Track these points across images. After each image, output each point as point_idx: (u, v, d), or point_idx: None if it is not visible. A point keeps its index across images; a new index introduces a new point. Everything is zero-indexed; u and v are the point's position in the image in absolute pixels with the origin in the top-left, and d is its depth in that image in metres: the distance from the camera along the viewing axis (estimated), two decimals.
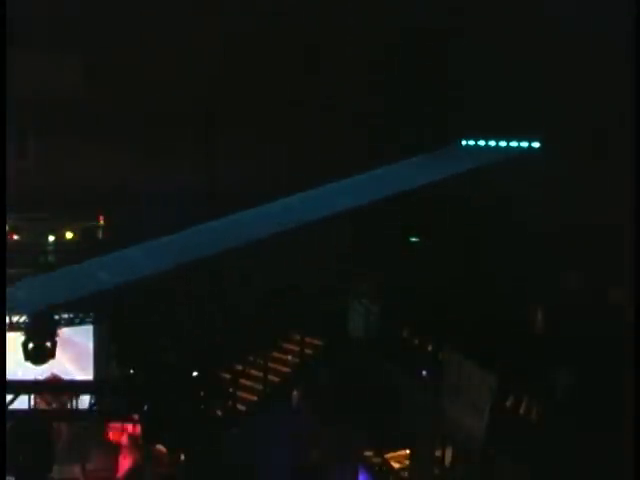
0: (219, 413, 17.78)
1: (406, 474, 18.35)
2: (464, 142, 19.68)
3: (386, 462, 18.57)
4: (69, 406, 18.09)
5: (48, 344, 18.11)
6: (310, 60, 21.00)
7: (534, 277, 17.59)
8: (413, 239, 20.42)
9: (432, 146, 19.55)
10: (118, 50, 20.81)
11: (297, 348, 20.05)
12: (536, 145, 19.36)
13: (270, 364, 19.89)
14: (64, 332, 18.77)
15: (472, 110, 19.05)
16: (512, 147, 19.56)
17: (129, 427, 19.70)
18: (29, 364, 16.80)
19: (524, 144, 19.47)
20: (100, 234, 21.52)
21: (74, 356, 20.86)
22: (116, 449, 20.57)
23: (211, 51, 20.72)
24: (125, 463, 20.28)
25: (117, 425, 20.13)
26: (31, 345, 18.07)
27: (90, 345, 21.35)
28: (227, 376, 19.15)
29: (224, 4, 20.55)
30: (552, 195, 18.23)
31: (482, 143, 19.67)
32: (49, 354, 18.27)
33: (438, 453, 17.20)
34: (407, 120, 19.88)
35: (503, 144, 19.60)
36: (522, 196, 18.40)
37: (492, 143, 19.62)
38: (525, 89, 18.50)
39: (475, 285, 17.87)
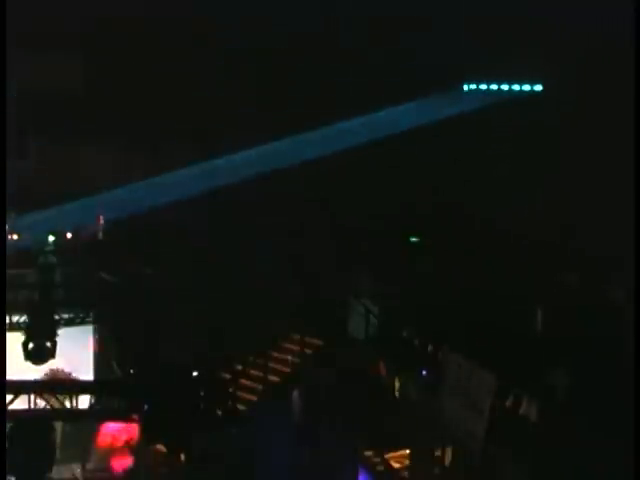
0: (219, 413, 17.76)
1: (406, 474, 18.34)
2: (466, 87, 19.62)
3: (386, 462, 18.56)
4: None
5: (48, 344, 18.15)
6: None
7: (534, 277, 17.59)
8: (413, 239, 20.41)
9: (433, 90, 19.45)
10: (118, 50, 20.82)
11: (297, 348, 20.04)
12: (538, 88, 19.30)
13: (270, 364, 19.89)
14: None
15: (474, 54, 18.79)
16: (514, 90, 19.51)
17: (128, 427, 19.71)
18: None
19: (526, 87, 19.40)
20: (100, 234, 21.51)
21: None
22: (114, 449, 20.57)
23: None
24: (124, 463, 20.29)
25: (116, 425, 20.13)
26: (31, 345, 18.11)
27: (90, 345, 21.37)
28: (227, 376, 19.15)
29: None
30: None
31: (484, 87, 19.63)
32: (49, 354, 18.31)
33: (438, 453, 17.20)
34: (407, 64, 19.54)
35: (505, 87, 19.56)
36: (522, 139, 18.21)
37: (494, 87, 19.59)
38: (526, 30, 18.24)
39: (475, 285, 17.87)
